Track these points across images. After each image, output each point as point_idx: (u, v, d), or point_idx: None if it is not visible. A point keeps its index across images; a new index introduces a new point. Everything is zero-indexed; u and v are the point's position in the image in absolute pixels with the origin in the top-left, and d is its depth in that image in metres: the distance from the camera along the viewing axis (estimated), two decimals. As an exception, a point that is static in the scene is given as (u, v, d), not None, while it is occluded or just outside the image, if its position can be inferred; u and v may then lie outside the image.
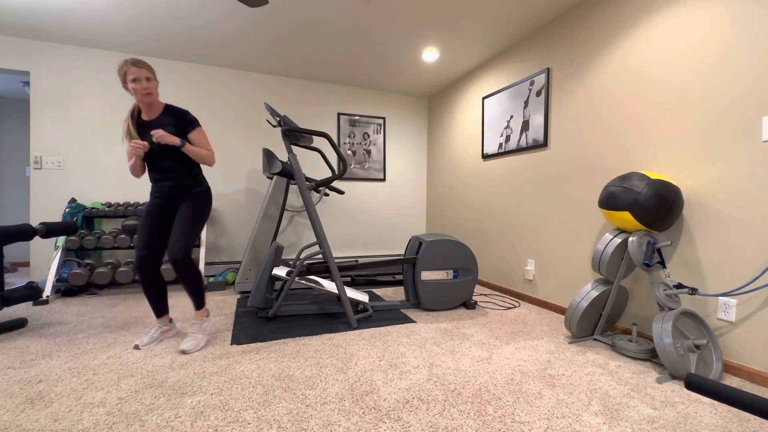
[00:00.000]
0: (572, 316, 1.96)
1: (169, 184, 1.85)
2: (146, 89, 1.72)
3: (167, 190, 1.86)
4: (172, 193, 1.87)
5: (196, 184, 1.90)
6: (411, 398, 1.38)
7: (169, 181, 1.85)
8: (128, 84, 1.71)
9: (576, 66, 2.43)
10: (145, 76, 1.71)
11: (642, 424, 1.23)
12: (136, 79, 1.70)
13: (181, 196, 1.88)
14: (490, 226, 3.32)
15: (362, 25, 2.75)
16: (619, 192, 1.82)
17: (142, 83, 1.71)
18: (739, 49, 1.62)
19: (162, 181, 1.85)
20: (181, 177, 1.86)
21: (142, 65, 1.71)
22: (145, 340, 1.84)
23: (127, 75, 1.70)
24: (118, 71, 1.73)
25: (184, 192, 1.88)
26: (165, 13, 2.60)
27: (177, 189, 1.86)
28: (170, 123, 1.81)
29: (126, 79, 1.71)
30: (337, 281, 2.25)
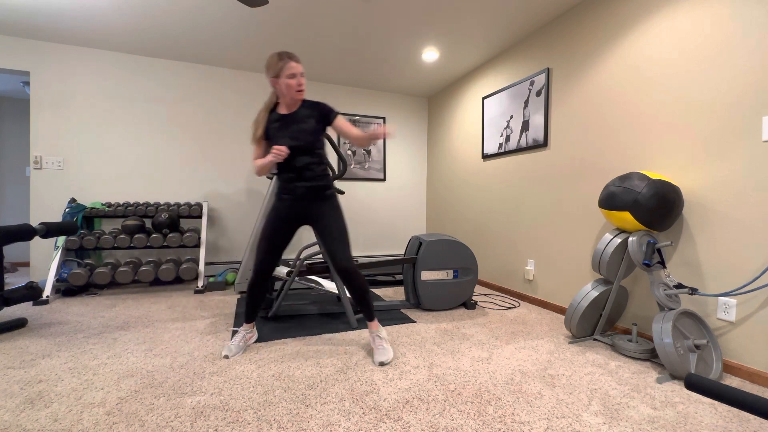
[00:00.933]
0: (572, 316, 1.96)
1: (306, 185, 1.71)
2: (301, 85, 1.66)
3: (303, 191, 1.72)
4: (308, 194, 1.73)
5: (329, 185, 1.77)
6: (411, 398, 1.38)
7: (306, 181, 1.71)
8: (282, 79, 1.63)
9: (576, 66, 2.43)
10: (300, 72, 1.64)
11: (642, 424, 1.23)
12: (294, 75, 1.63)
13: (315, 198, 1.74)
14: (490, 226, 3.32)
15: (362, 25, 2.75)
16: (619, 192, 1.82)
17: (298, 78, 1.64)
18: (739, 48, 1.62)
19: (297, 181, 1.71)
20: (317, 177, 1.73)
21: (299, 60, 1.64)
22: (234, 349, 1.74)
23: (285, 70, 1.62)
24: (272, 65, 1.64)
25: (320, 193, 1.74)
26: (165, 13, 2.60)
27: (313, 190, 1.73)
28: (310, 115, 1.70)
29: (281, 74, 1.62)
30: (337, 281, 2.25)
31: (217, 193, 3.61)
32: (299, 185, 1.72)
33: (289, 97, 1.68)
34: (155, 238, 2.96)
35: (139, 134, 3.34)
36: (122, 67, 3.27)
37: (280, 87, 1.66)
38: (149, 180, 3.38)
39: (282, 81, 1.64)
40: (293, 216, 1.76)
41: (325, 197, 1.75)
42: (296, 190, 1.72)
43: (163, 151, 3.42)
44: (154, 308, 2.54)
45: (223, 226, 3.64)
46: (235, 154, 3.66)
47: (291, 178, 1.72)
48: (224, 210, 3.64)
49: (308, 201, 1.74)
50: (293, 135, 1.67)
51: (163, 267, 2.86)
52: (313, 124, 1.70)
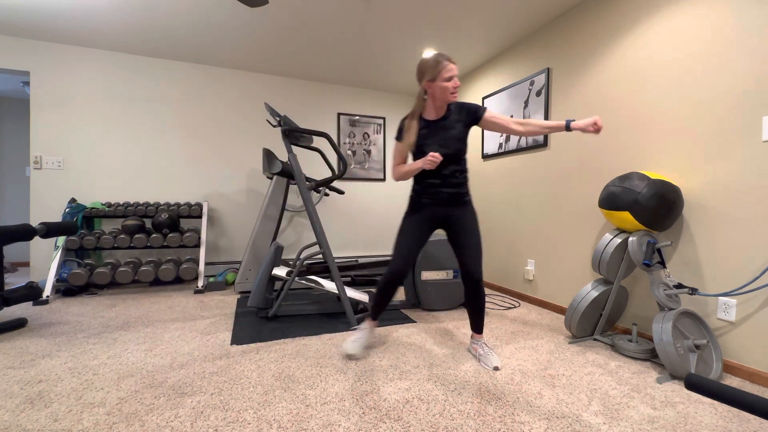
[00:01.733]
0: (572, 316, 1.96)
1: (449, 191, 1.68)
2: (457, 87, 1.60)
3: (446, 197, 1.68)
4: (451, 200, 1.69)
5: (468, 191, 1.74)
6: (411, 398, 1.38)
7: (450, 188, 1.68)
8: (438, 83, 1.58)
9: (576, 66, 2.43)
10: (456, 73, 1.59)
11: (642, 424, 1.23)
12: (451, 77, 1.57)
13: (456, 204, 1.71)
14: (490, 226, 3.32)
15: (362, 25, 2.75)
16: (619, 192, 1.82)
17: (454, 81, 1.58)
18: (739, 48, 1.62)
19: (442, 187, 1.67)
20: (461, 184, 1.69)
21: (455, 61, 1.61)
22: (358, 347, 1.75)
23: (444, 72, 1.56)
24: (428, 69, 1.58)
25: (461, 200, 1.71)
26: (165, 13, 2.60)
27: (456, 197, 1.69)
28: (459, 120, 1.65)
29: (438, 77, 1.57)
30: (337, 281, 2.25)
31: (217, 193, 3.61)
32: (443, 191, 1.68)
33: (441, 100, 1.62)
34: (155, 238, 2.97)
35: (139, 134, 3.34)
36: (122, 67, 3.27)
37: (435, 90, 1.60)
38: (149, 180, 3.38)
39: (438, 84, 1.58)
40: (433, 220, 1.73)
41: (466, 203, 1.73)
42: (439, 195, 1.69)
43: (163, 151, 3.42)
44: (154, 308, 2.54)
45: (223, 226, 3.64)
46: (236, 155, 3.66)
47: (435, 184, 1.68)
48: (224, 210, 3.64)
49: (450, 206, 1.71)
50: (442, 142, 1.63)
51: (163, 267, 2.86)
52: (461, 129, 1.65)
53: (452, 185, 1.68)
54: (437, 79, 1.57)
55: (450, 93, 1.59)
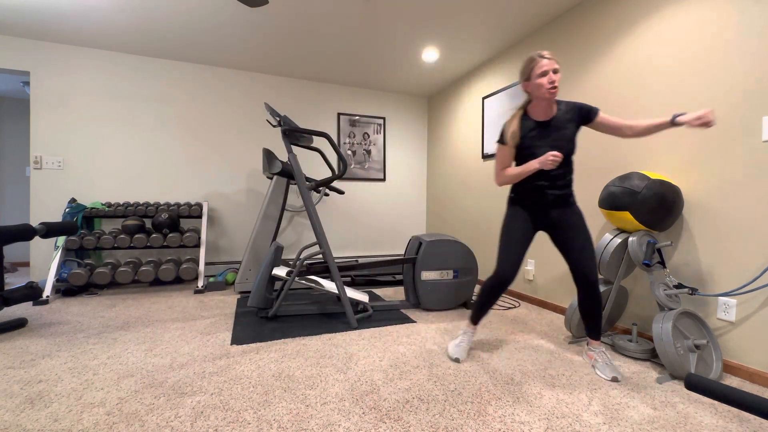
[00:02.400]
0: (572, 316, 1.96)
1: (556, 193, 1.62)
2: (554, 82, 1.48)
3: (552, 198, 1.63)
4: (557, 201, 1.64)
5: (572, 191, 1.68)
6: (411, 398, 1.38)
7: (557, 189, 1.62)
8: (533, 80, 1.51)
9: (576, 66, 2.43)
10: (553, 68, 1.48)
11: (642, 424, 1.23)
12: (545, 72, 1.48)
13: (561, 206, 1.65)
14: (490, 226, 3.32)
15: (362, 25, 2.75)
16: (619, 192, 1.82)
17: (550, 76, 1.48)
18: (739, 48, 1.62)
19: (550, 189, 1.62)
20: (567, 186, 1.63)
21: (551, 56, 1.49)
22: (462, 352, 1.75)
23: (536, 69, 1.49)
24: (523, 70, 1.54)
25: (566, 201, 1.65)
26: (165, 13, 2.60)
27: (562, 198, 1.64)
28: (570, 119, 1.57)
29: (531, 75, 1.51)
30: (337, 281, 2.25)
31: (217, 193, 3.61)
32: (550, 193, 1.63)
33: (541, 98, 1.54)
34: (155, 238, 2.97)
35: (139, 134, 3.34)
36: (122, 67, 3.27)
37: (532, 89, 1.55)
38: (149, 180, 3.38)
39: (532, 83, 1.52)
40: (537, 222, 1.70)
41: (571, 204, 1.67)
42: (546, 197, 1.64)
43: (163, 151, 3.42)
44: (154, 308, 2.54)
45: (223, 226, 3.64)
46: (236, 155, 3.66)
47: (543, 186, 1.62)
48: (224, 210, 3.64)
49: (556, 208, 1.66)
50: (554, 143, 1.57)
51: (163, 267, 2.86)
52: (573, 129, 1.59)
53: (560, 187, 1.62)
54: (531, 77, 1.52)
55: (546, 89, 1.49)
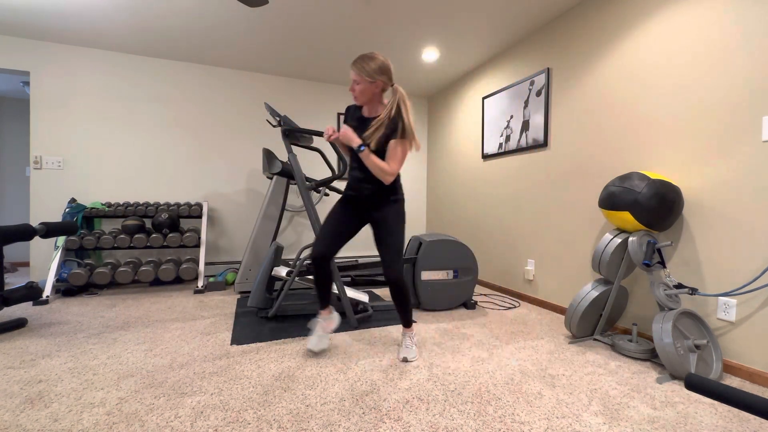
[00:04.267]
0: (572, 316, 1.96)
1: (370, 188, 1.69)
2: (351, 90, 1.66)
3: (368, 194, 1.71)
4: (371, 198, 1.71)
5: (395, 192, 1.73)
6: (411, 398, 1.38)
7: (371, 184, 1.69)
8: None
9: (576, 66, 2.43)
10: (353, 78, 1.64)
11: (642, 424, 1.23)
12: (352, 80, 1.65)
13: (378, 203, 1.71)
14: (490, 226, 3.32)
15: (362, 25, 2.75)
16: (619, 192, 1.82)
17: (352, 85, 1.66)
18: (739, 49, 1.62)
19: (363, 183, 1.70)
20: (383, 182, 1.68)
21: (353, 66, 1.63)
22: (314, 341, 1.77)
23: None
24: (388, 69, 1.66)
25: (383, 199, 1.71)
26: (165, 13, 2.60)
27: (376, 195, 1.70)
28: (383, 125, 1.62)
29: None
30: (337, 281, 2.24)
31: (217, 193, 3.61)
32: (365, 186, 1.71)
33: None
34: (155, 238, 2.96)
35: (139, 134, 3.34)
36: (123, 67, 3.27)
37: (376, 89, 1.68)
38: (149, 180, 3.38)
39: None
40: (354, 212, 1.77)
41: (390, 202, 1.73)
42: (362, 190, 1.72)
43: (163, 151, 3.42)
44: (154, 308, 2.54)
45: (223, 226, 3.64)
46: (236, 155, 3.66)
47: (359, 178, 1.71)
48: (224, 210, 3.64)
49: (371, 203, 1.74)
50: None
51: (163, 267, 2.86)
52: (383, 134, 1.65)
53: (374, 182, 1.68)
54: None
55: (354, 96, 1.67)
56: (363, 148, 1.60)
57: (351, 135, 1.61)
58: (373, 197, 1.72)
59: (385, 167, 1.61)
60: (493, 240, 3.28)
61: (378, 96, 1.67)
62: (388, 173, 1.61)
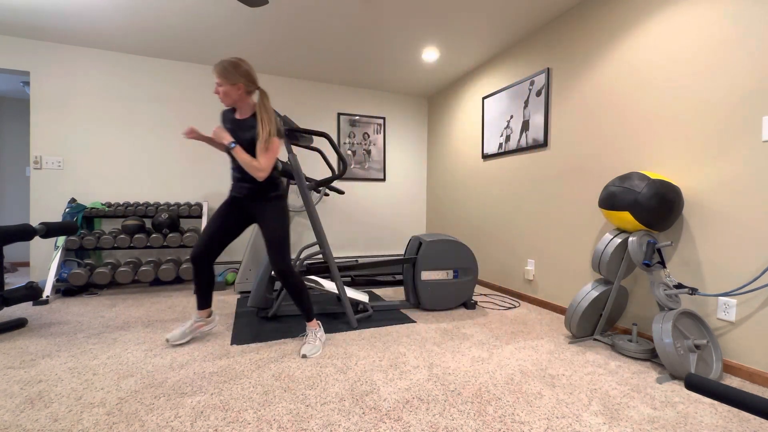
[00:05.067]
0: (572, 316, 1.96)
1: (248, 187, 1.80)
2: (216, 93, 1.74)
3: (246, 192, 1.81)
4: (251, 195, 1.81)
5: (274, 188, 1.83)
6: (411, 398, 1.38)
7: (249, 183, 1.79)
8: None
9: (576, 66, 2.43)
10: (216, 83, 1.71)
11: (642, 424, 1.23)
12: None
13: (258, 200, 1.81)
14: (490, 226, 3.32)
15: (362, 25, 2.75)
16: (619, 192, 1.82)
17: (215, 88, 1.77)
18: (739, 48, 1.62)
19: (242, 182, 1.80)
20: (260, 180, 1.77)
21: (214, 70, 1.70)
22: (177, 334, 1.85)
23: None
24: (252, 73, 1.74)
25: (262, 195, 1.81)
26: (165, 13, 2.60)
27: (255, 192, 1.80)
28: (253, 126, 1.74)
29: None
30: (337, 281, 2.25)
31: (217, 193, 3.61)
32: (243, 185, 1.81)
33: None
34: (155, 238, 2.96)
35: (139, 134, 3.34)
36: (122, 67, 3.27)
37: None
38: (149, 180, 3.38)
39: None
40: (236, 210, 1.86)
41: (269, 198, 1.82)
42: (241, 189, 1.82)
43: (163, 151, 3.42)
44: (154, 308, 2.54)
45: (223, 226, 3.63)
46: (235, 154, 3.66)
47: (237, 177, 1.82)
48: (224, 210, 3.63)
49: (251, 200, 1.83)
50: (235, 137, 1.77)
51: (163, 267, 2.86)
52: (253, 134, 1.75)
53: (251, 179, 1.79)
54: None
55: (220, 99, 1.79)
56: (234, 145, 1.68)
57: (221, 132, 1.69)
58: (253, 195, 1.81)
59: (255, 163, 1.69)
60: (493, 240, 3.28)
61: (244, 98, 1.75)
62: (259, 169, 1.69)
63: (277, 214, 1.80)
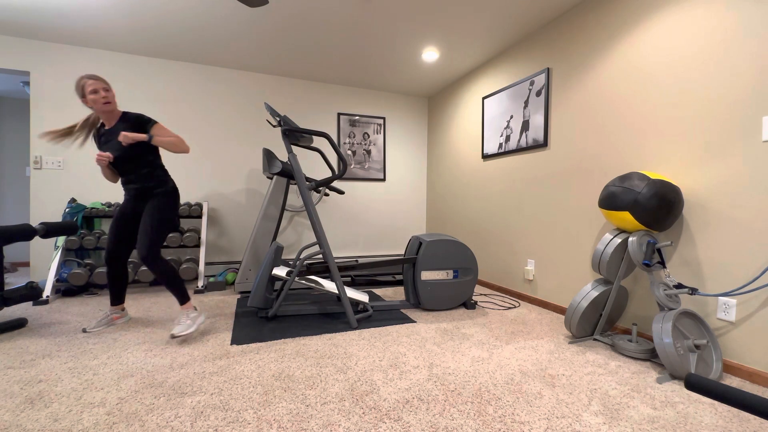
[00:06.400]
0: (572, 316, 1.96)
1: (135, 187, 2.00)
2: (105, 98, 1.87)
3: (134, 192, 2.02)
4: (139, 194, 2.02)
5: (158, 185, 2.02)
6: (411, 398, 1.38)
7: (134, 184, 2.00)
8: (88, 97, 1.86)
9: (576, 66, 2.43)
10: (102, 87, 1.87)
11: (642, 424, 1.23)
12: (96, 90, 1.85)
13: (146, 198, 2.02)
14: (490, 226, 3.32)
15: (362, 25, 2.75)
16: (619, 192, 1.82)
17: (100, 93, 1.86)
18: (739, 48, 1.62)
19: (129, 184, 2.01)
20: (144, 179, 1.99)
21: (97, 77, 1.87)
22: (93, 324, 2.06)
23: (86, 88, 1.85)
24: (76, 88, 1.88)
25: (149, 193, 2.01)
26: (165, 13, 2.60)
27: (142, 191, 2.01)
28: (128, 128, 1.94)
29: (84, 93, 1.86)
30: (337, 281, 2.25)
31: (217, 193, 3.61)
32: (131, 188, 2.01)
33: (100, 111, 1.91)
34: (155, 238, 2.96)
35: (139, 134, 3.34)
36: (122, 67, 3.27)
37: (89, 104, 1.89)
38: (149, 180, 3.38)
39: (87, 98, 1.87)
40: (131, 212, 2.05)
41: (154, 195, 2.01)
42: (130, 191, 2.02)
43: (162, 151, 3.41)
44: (154, 308, 2.54)
45: (223, 226, 3.64)
46: (235, 155, 3.66)
47: (124, 182, 2.03)
48: (224, 210, 3.64)
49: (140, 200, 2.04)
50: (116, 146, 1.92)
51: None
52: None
53: (136, 181, 2.00)
54: (85, 95, 1.87)
55: (101, 104, 1.88)
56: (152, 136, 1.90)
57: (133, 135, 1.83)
58: (142, 193, 2.01)
59: (173, 138, 1.94)
60: (493, 240, 3.28)
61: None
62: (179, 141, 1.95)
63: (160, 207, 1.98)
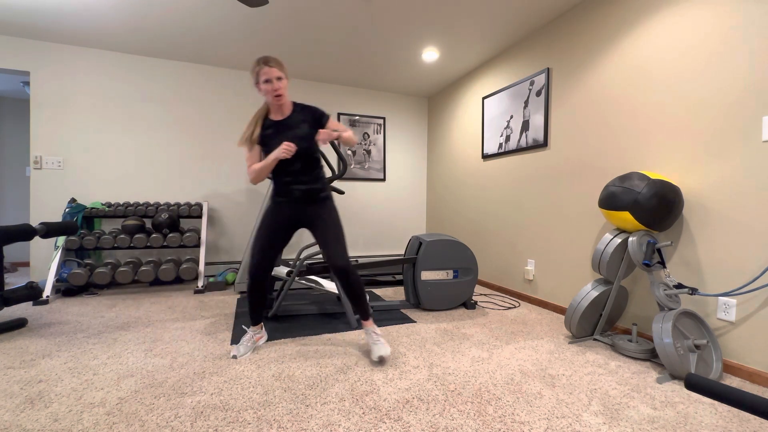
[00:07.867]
0: (572, 316, 1.96)
1: (302, 188, 1.74)
2: (276, 90, 1.64)
3: (299, 194, 1.75)
4: (304, 197, 1.76)
5: (324, 188, 1.80)
6: (411, 398, 1.38)
7: (301, 185, 1.74)
8: (260, 86, 1.66)
9: (576, 66, 2.43)
10: (275, 76, 1.64)
11: (642, 424, 1.23)
12: (269, 80, 1.63)
13: (310, 201, 1.77)
14: (490, 226, 3.32)
15: (362, 25, 2.74)
16: (619, 192, 1.82)
17: (273, 84, 1.64)
18: (739, 48, 1.62)
19: (294, 185, 1.74)
20: (312, 181, 1.76)
21: (273, 64, 1.63)
22: (242, 350, 1.76)
23: (260, 75, 1.64)
24: (251, 72, 1.67)
25: (314, 196, 1.77)
26: (165, 13, 2.60)
27: (308, 193, 1.76)
28: (303, 120, 1.72)
29: (258, 80, 1.66)
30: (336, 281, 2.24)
31: (217, 193, 3.61)
32: (295, 189, 1.74)
33: (271, 103, 1.70)
34: (155, 238, 2.96)
35: (139, 134, 3.34)
36: (123, 67, 3.27)
37: (262, 93, 1.68)
38: (149, 180, 3.38)
39: (260, 87, 1.67)
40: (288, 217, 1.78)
41: (321, 199, 1.78)
42: (293, 193, 1.75)
43: (163, 151, 3.42)
44: (154, 308, 2.54)
45: (223, 226, 3.64)
46: (235, 154, 3.66)
47: (288, 182, 1.74)
48: (224, 210, 3.64)
49: (303, 203, 1.77)
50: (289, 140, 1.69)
51: (163, 267, 2.86)
52: (306, 128, 1.71)
53: (304, 182, 1.75)
54: (258, 82, 1.66)
55: (272, 95, 1.65)
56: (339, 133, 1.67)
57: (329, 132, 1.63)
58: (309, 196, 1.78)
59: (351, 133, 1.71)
60: (493, 240, 3.28)
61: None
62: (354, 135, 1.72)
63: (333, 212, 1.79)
